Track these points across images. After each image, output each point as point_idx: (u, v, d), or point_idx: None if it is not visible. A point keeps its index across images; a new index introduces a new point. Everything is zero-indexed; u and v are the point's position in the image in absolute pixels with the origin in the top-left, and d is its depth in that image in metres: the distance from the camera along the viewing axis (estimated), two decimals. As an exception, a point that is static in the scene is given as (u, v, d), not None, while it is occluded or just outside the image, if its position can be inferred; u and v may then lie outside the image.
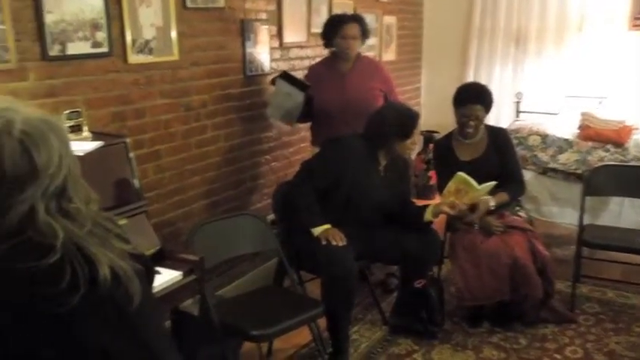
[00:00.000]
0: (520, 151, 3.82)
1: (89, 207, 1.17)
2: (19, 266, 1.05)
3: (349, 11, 3.75)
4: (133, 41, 2.60)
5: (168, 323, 2.39)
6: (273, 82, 3.21)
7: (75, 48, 2.35)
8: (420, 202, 3.14)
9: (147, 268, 1.29)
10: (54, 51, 2.27)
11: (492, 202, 2.96)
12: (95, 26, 2.42)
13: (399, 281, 3.08)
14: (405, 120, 2.79)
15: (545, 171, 3.98)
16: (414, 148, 2.93)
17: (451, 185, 2.85)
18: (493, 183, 2.89)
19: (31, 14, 2.20)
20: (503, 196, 3.04)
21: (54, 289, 1.06)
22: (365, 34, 3.27)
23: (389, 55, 4.83)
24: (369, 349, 2.93)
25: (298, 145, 3.86)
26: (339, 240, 2.62)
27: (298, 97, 3.11)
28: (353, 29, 3.17)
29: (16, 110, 1.11)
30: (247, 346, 2.69)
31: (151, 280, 1.34)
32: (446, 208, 2.82)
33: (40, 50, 2.23)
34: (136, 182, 2.27)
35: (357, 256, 2.70)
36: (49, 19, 2.24)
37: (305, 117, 3.27)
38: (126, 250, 1.21)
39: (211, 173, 3.18)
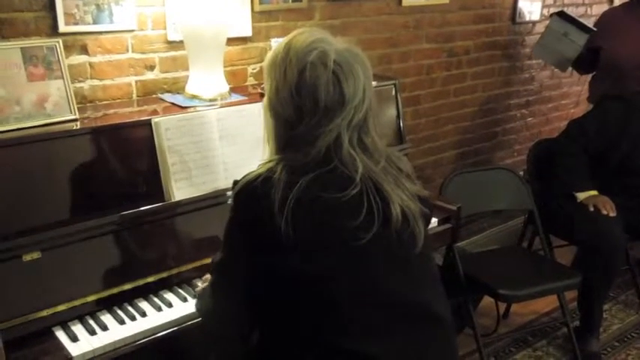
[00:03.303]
0: None
1: (382, 142, 1.18)
2: (325, 195, 1.09)
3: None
4: (408, -17, 2.59)
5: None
6: (551, 15, 2.90)
7: (356, -11, 2.40)
8: None
9: (430, 211, 1.28)
10: (337, -9, 2.35)
11: None
12: (376, -33, 2.45)
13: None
14: None
15: None
16: None
17: None
18: None
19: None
20: None
21: (353, 222, 1.09)
22: None
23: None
24: (620, 332, 2.68)
25: (559, 101, 3.55)
26: (609, 210, 2.36)
27: (578, 39, 2.77)
28: None
29: (328, 42, 1.15)
30: (484, 302, 2.62)
31: (428, 224, 1.32)
32: None
33: (327, -9, 2.33)
34: (401, 124, 2.29)
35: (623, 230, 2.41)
36: (335, -41, 2.31)
37: (588, 67, 2.95)
38: (414, 191, 1.20)
39: (465, 123, 3.09)
